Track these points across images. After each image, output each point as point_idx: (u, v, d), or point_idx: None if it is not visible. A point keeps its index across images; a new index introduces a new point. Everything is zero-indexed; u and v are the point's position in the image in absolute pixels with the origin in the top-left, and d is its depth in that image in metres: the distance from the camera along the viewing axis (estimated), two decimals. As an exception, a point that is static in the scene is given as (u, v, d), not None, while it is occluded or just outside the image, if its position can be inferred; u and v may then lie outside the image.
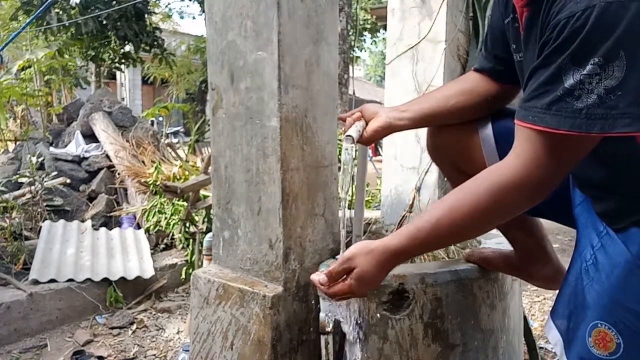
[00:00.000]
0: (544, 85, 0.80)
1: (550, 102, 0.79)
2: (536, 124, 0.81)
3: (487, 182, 0.89)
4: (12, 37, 4.34)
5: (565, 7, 0.76)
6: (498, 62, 1.14)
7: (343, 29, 8.23)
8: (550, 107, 0.78)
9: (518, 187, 0.86)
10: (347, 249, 1.00)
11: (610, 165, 0.88)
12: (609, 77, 0.73)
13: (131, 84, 15.98)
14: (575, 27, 0.75)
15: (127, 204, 4.10)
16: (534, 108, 0.81)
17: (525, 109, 0.84)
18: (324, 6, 1.30)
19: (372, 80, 33.74)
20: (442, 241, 1.05)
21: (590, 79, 0.74)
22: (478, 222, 0.92)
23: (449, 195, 0.95)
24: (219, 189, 1.38)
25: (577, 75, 0.75)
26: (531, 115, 0.82)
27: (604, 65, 0.73)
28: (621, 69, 0.73)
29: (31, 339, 2.44)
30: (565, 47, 0.76)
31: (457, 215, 0.91)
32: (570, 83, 0.76)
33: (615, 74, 0.73)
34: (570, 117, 0.76)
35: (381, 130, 1.20)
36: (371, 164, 6.40)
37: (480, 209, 0.89)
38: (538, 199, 0.90)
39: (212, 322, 1.32)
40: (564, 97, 0.77)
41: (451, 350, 1.25)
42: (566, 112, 0.77)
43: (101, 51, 7.62)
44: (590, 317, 0.89)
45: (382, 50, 26.20)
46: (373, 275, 0.96)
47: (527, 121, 0.83)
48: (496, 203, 0.89)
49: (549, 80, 0.79)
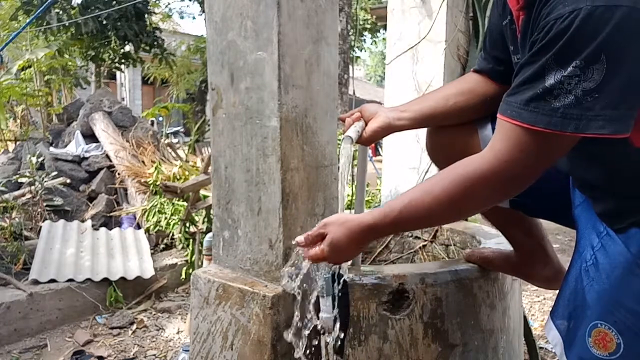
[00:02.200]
0: (527, 82, 0.81)
1: (529, 98, 0.80)
2: (514, 118, 0.83)
3: (459, 170, 0.91)
4: (12, 37, 4.34)
5: (554, 9, 0.78)
6: (497, 63, 1.14)
7: (343, 29, 8.23)
8: (529, 104, 0.80)
9: (487, 178, 0.88)
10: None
11: (609, 166, 0.88)
12: (587, 80, 0.75)
13: (131, 84, 15.98)
14: (560, 28, 0.76)
15: (127, 204, 4.10)
16: (514, 103, 0.83)
17: (507, 103, 0.85)
18: (324, 6, 1.30)
19: (372, 80, 33.73)
20: (412, 223, 1.07)
21: (569, 80, 0.76)
22: (446, 208, 0.94)
23: (426, 180, 0.98)
24: (219, 189, 1.38)
25: (558, 75, 0.76)
26: (510, 109, 0.84)
27: (584, 68, 0.74)
28: (600, 72, 0.74)
29: (31, 339, 2.44)
30: (550, 47, 0.77)
31: (427, 200, 0.93)
32: (550, 82, 0.77)
33: (594, 76, 0.74)
34: (546, 115, 0.78)
35: (380, 131, 1.21)
36: (371, 164, 6.40)
37: (448, 196, 0.91)
38: (509, 193, 0.92)
39: (212, 322, 1.32)
40: (543, 95, 0.78)
41: (451, 350, 1.25)
42: (543, 110, 0.78)
43: (101, 51, 7.62)
44: (590, 317, 0.89)
45: (382, 50, 26.18)
46: (344, 245, 0.98)
47: (505, 115, 0.85)
48: (464, 191, 0.90)
49: (531, 77, 0.80)
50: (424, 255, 1.89)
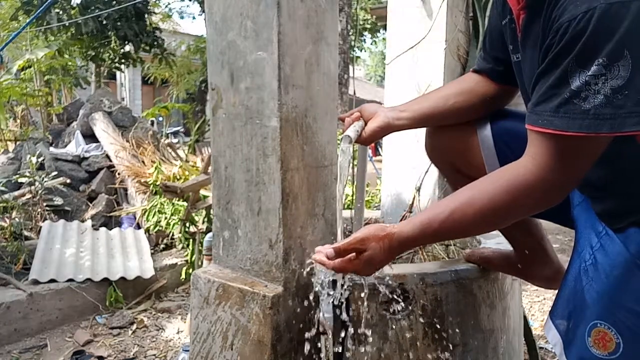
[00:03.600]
0: (551, 89, 0.80)
1: (558, 104, 0.79)
2: (546, 127, 0.81)
3: (504, 180, 0.89)
4: (12, 37, 4.34)
5: (566, 11, 0.77)
6: (497, 63, 1.14)
7: (343, 29, 8.23)
8: (559, 110, 0.79)
9: (534, 188, 0.86)
10: (360, 229, 1.01)
11: (609, 165, 0.88)
12: (614, 77, 0.73)
13: (131, 84, 15.97)
14: (577, 29, 0.75)
15: (127, 204, 4.10)
16: (543, 112, 0.82)
17: (536, 114, 0.84)
18: (324, 6, 1.30)
19: (372, 80, 33.72)
20: (452, 234, 1.08)
21: (595, 80, 0.74)
22: (491, 218, 0.93)
23: (463, 190, 0.96)
24: (219, 189, 1.38)
25: (583, 76, 0.75)
26: (541, 119, 0.82)
27: (608, 65, 0.73)
28: (627, 68, 0.73)
29: (31, 339, 2.44)
30: (569, 49, 0.76)
31: (470, 211, 0.91)
32: (576, 85, 0.76)
33: (621, 73, 0.73)
34: (578, 118, 0.77)
35: (380, 130, 1.21)
36: (371, 164, 6.40)
37: (495, 206, 0.90)
38: (555, 201, 0.90)
39: (212, 322, 1.32)
40: (571, 99, 0.77)
41: (451, 350, 1.25)
42: (574, 113, 0.77)
43: (101, 51, 7.63)
44: (589, 317, 0.89)
45: (382, 50, 26.18)
46: (382, 260, 0.98)
47: (537, 125, 0.83)
48: (512, 202, 0.89)
49: (555, 83, 0.79)
50: (424, 255, 1.89)
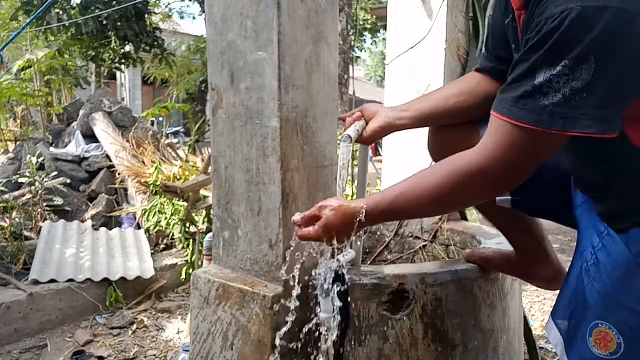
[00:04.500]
0: (518, 80, 0.82)
1: (519, 95, 0.81)
2: (504, 114, 0.84)
3: (451, 164, 0.92)
4: (12, 37, 4.34)
5: (547, 9, 0.78)
6: (499, 62, 1.14)
7: (343, 29, 8.23)
8: (519, 101, 0.81)
9: (477, 173, 0.89)
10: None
11: (609, 166, 0.88)
12: (576, 79, 0.75)
13: (131, 84, 15.97)
14: (550, 27, 0.76)
15: (127, 204, 4.10)
16: (505, 99, 0.84)
17: (499, 100, 0.86)
18: (324, 6, 1.30)
19: (372, 80, 33.73)
20: (402, 213, 1.09)
21: (558, 79, 0.77)
22: (436, 201, 0.95)
23: (419, 172, 0.99)
24: (219, 189, 1.38)
25: (548, 74, 0.77)
26: (502, 105, 0.85)
27: (572, 67, 0.75)
28: (589, 71, 0.74)
29: (31, 339, 2.44)
30: (541, 46, 0.78)
31: (417, 191, 0.95)
32: (539, 80, 0.78)
33: (583, 76, 0.75)
34: (534, 112, 0.79)
35: (380, 130, 1.21)
36: (371, 164, 6.40)
37: (439, 188, 0.93)
38: (500, 190, 0.94)
39: (212, 322, 1.32)
40: (533, 93, 0.79)
41: (451, 350, 1.25)
42: (532, 107, 0.79)
43: (101, 51, 7.63)
44: (590, 317, 0.89)
45: (382, 50, 26.17)
46: (337, 228, 1.00)
47: (496, 111, 0.86)
48: (455, 185, 0.91)
49: (522, 75, 0.81)
50: (424, 255, 1.89)
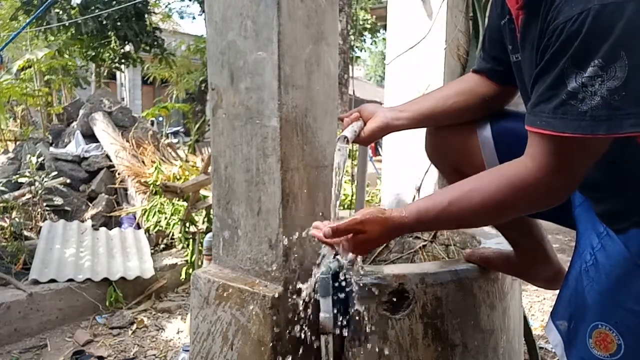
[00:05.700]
0: (549, 90, 0.80)
1: (555, 106, 0.79)
2: (544, 128, 0.81)
3: (505, 178, 0.90)
4: (12, 37, 4.34)
5: (562, 12, 0.77)
6: (496, 63, 1.14)
7: (343, 29, 8.23)
8: (556, 111, 0.79)
9: (534, 188, 0.87)
10: (359, 211, 1.03)
11: (609, 166, 0.88)
12: (611, 78, 0.73)
13: (131, 84, 15.97)
14: (572, 30, 0.75)
15: (127, 204, 4.10)
16: (541, 113, 0.82)
17: (534, 114, 0.84)
18: (324, 6, 1.30)
19: (372, 80, 33.71)
20: (448, 224, 1.10)
21: (592, 81, 0.74)
22: (488, 214, 0.94)
23: (464, 183, 0.96)
24: (219, 189, 1.38)
25: (579, 78, 0.75)
26: (539, 120, 0.82)
27: (605, 67, 0.73)
28: (623, 69, 0.72)
29: (31, 339, 2.44)
30: (565, 50, 0.76)
31: (469, 204, 0.92)
32: (573, 86, 0.76)
33: (618, 74, 0.73)
34: (575, 120, 0.77)
35: (379, 131, 1.21)
36: (371, 164, 6.40)
37: (494, 202, 0.90)
38: (555, 201, 0.90)
39: (212, 322, 1.32)
40: (568, 100, 0.77)
41: (451, 350, 1.25)
42: (571, 115, 0.77)
43: (101, 51, 7.63)
44: (590, 318, 0.89)
45: (382, 50, 26.16)
46: (377, 242, 1.01)
47: (535, 126, 0.83)
48: (511, 199, 0.89)
49: (553, 84, 0.79)
50: (424, 255, 1.89)
